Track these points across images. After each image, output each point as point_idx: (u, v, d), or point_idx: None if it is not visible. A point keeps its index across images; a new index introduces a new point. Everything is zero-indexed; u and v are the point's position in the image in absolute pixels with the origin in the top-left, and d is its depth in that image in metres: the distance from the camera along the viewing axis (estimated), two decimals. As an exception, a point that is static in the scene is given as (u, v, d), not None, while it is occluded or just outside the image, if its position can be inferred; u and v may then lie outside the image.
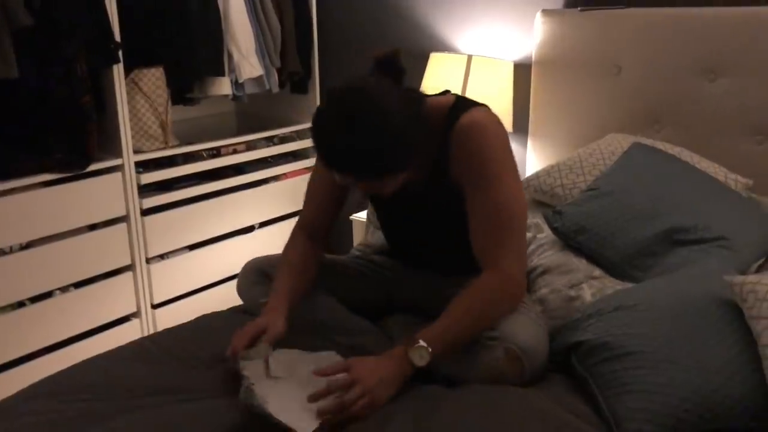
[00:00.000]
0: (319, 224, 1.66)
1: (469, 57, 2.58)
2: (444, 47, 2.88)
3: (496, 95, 2.56)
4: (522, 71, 2.67)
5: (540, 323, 1.45)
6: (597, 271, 1.78)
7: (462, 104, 1.50)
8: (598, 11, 2.40)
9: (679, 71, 2.26)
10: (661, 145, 2.14)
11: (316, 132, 1.32)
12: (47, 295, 2.31)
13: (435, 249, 1.66)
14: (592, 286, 1.69)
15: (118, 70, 2.34)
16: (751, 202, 1.98)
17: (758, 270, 1.75)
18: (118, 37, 2.31)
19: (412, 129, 1.32)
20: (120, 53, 2.32)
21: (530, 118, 2.62)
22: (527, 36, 2.67)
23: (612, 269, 1.79)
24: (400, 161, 1.34)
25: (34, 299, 2.28)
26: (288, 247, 1.64)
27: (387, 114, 1.27)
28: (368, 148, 1.27)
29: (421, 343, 1.30)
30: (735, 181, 2.06)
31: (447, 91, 1.59)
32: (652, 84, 2.32)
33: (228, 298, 2.73)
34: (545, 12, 2.51)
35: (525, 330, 1.37)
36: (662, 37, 2.27)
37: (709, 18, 2.19)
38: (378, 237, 2.07)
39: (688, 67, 2.24)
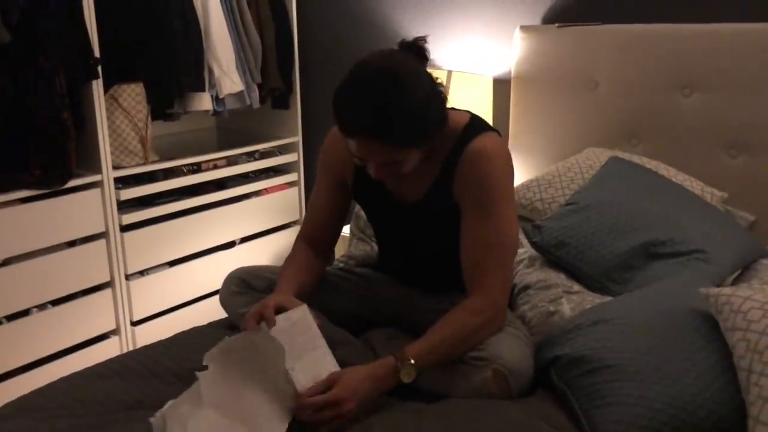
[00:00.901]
0: (320, 237, 1.68)
1: (449, 72, 2.60)
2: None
3: (475, 110, 2.58)
4: (501, 86, 2.70)
5: (526, 342, 1.47)
6: (576, 286, 1.80)
7: (477, 126, 1.52)
8: (576, 28, 2.44)
9: (654, 86, 2.30)
10: (638, 159, 2.17)
11: (340, 99, 1.33)
12: (24, 313, 2.28)
13: (424, 263, 1.67)
14: (571, 301, 1.70)
15: (97, 86, 2.34)
16: (727, 215, 2.01)
17: (734, 282, 1.78)
18: (97, 53, 2.31)
19: (435, 105, 1.36)
20: (99, 69, 2.31)
21: (509, 133, 2.64)
22: (506, 51, 2.70)
23: (590, 283, 1.80)
24: (421, 133, 1.36)
25: (11, 317, 2.25)
26: (291, 252, 1.67)
27: (414, 85, 1.31)
28: (395, 113, 1.29)
29: (412, 361, 1.34)
30: (711, 194, 2.09)
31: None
32: (628, 99, 2.36)
33: (208, 314, 2.71)
34: (523, 28, 2.54)
35: (512, 350, 1.39)
36: (638, 54, 2.31)
37: (683, 35, 2.23)
38: (361, 249, 2.07)
39: (664, 82, 2.28)
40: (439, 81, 1.42)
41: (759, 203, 2.15)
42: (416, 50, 1.41)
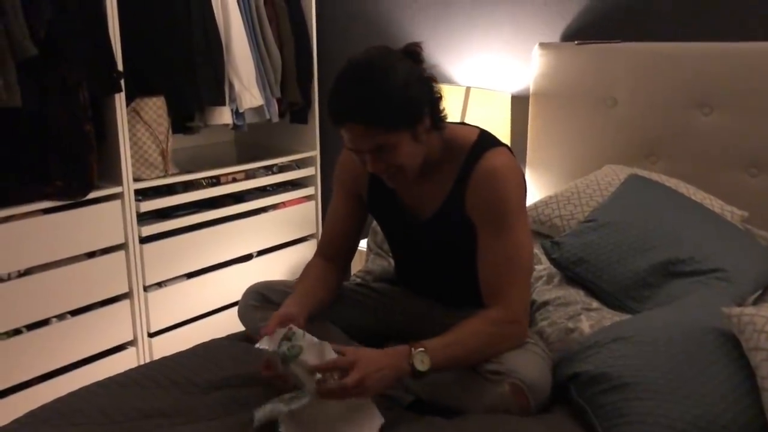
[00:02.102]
0: (336, 251, 1.70)
1: (468, 89, 2.61)
2: (442, 79, 2.92)
3: (493, 126, 2.59)
4: (519, 103, 2.70)
5: (544, 357, 1.47)
6: (595, 303, 1.79)
7: (487, 141, 1.54)
8: (595, 45, 2.44)
9: (674, 104, 2.29)
10: (657, 176, 2.16)
11: (331, 92, 1.41)
12: (44, 322, 2.30)
13: (441, 278, 1.68)
14: (590, 318, 1.70)
15: (119, 99, 2.37)
16: (748, 235, 1.99)
17: (755, 302, 1.76)
18: (120, 66, 2.34)
19: (415, 87, 1.40)
20: (122, 82, 2.34)
21: (527, 149, 2.65)
22: (524, 68, 2.71)
23: (609, 300, 1.80)
24: (402, 112, 1.39)
25: (31, 327, 2.27)
26: (307, 266, 1.69)
27: (390, 72, 1.38)
28: (374, 95, 1.36)
29: (425, 349, 1.33)
30: (731, 213, 2.08)
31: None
32: (647, 117, 2.35)
33: (225, 326, 2.71)
34: (542, 45, 2.55)
35: (530, 365, 1.39)
36: (657, 71, 2.31)
37: (703, 53, 2.23)
38: (378, 264, 2.08)
39: (683, 100, 2.27)
40: (428, 74, 1.46)
41: (779, 222, 2.14)
42: (406, 52, 1.46)
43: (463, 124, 1.64)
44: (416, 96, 1.41)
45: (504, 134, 2.65)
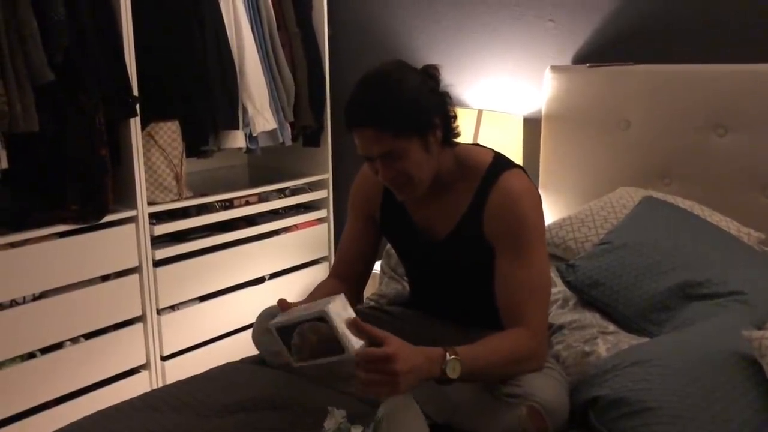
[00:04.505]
0: (350, 274, 1.70)
1: (480, 111, 2.62)
2: (455, 102, 2.92)
3: (506, 149, 2.59)
4: (531, 125, 2.71)
5: (561, 381, 1.45)
6: (611, 326, 1.77)
7: (503, 163, 1.55)
8: (606, 68, 2.45)
9: (688, 126, 2.29)
10: (672, 198, 2.15)
11: (347, 101, 1.47)
12: (58, 346, 2.30)
13: (455, 298, 1.67)
14: (607, 341, 1.68)
15: (135, 124, 2.39)
16: (766, 256, 1.97)
17: (774, 325, 1.74)
18: (136, 91, 2.36)
19: (426, 97, 1.45)
20: (137, 107, 2.37)
21: (540, 172, 2.64)
22: (536, 91, 2.72)
23: (626, 323, 1.78)
24: (412, 119, 1.42)
25: (45, 350, 2.27)
26: (318, 285, 1.69)
27: (402, 81, 1.43)
28: (384, 100, 1.41)
29: (460, 357, 1.30)
30: (747, 235, 2.06)
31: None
32: (661, 138, 2.35)
33: (238, 349, 2.70)
34: (554, 68, 2.56)
35: (547, 387, 1.37)
36: (670, 93, 2.31)
37: (716, 74, 2.23)
38: (392, 288, 2.07)
39: (697, 122, 2.27)
40: (443, 90, 1.50)
41: (796, 244, 2.12)
42: (423, 72, 1.50)
43: (477, 145, 1.64)
44: (426, 105, 1.45)
45: (516, 156, 2.65)
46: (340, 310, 1.27)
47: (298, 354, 1.33)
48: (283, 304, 1.68)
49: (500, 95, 2.83)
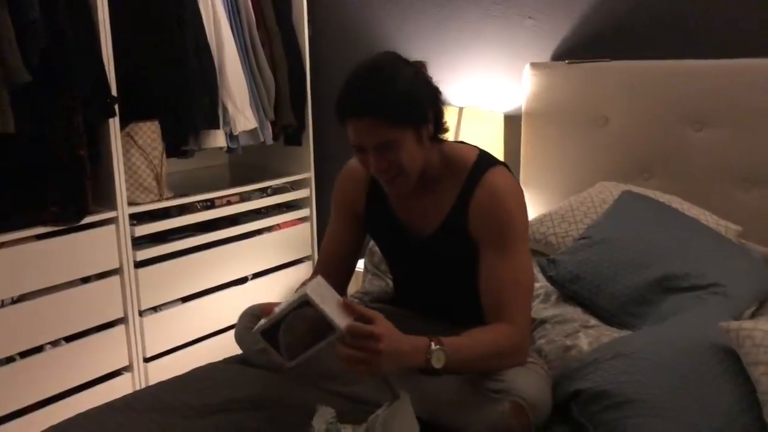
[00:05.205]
0: (334, 272, 1.68)
1: (460, 109, 2.63)
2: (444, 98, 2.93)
3: (486, 146, 2.59)
4: (512, 122, 2.72)
5: (544, 375, 1.46)
6: (592, 320, 1.79)
7: (487, 160, 1.56)
8: (585, 64, 2.47)
9: (665, 121, 2.31)
10: (651, 193, 2.17)
11: (339, 91, 1.45)
12: (38, 349, 2.28)
13: (439, 295, 1.67)
14: (589, 335, 1.69)
15: (114, 124, 2.37)
16: (743, 249, 2.00)
17: (752, 316, 1.76)
18: (114, 92, 2.34)
19: (420, 88, 1.46)
20: (116, 107, 2.34)
21: (521, 168, 2.66)
22: (516, 88, 2.73)
23: (607, 317, 1.80)
24: (407, 110, 1.42)
25: (24, 354, 2.25)
26: (301, 284, 1.66)
27: (398, 72, 1.43)
28: (380, 90, 1.41)
29: (445, 347, 1.31)
30: (726, 228, 2.08)
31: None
32: (639, 134, 2.37)
33: (222, 350, 2.67)
34: (534, 65, 2.57)
35: (531, 383, 1.38)
36: (648, 89, 2.33)
37: (693, 70, 2.25)
38: (376, 285, 2.07)
39: (675, 117, 2.29)
40: (434, 85, 1.50)
41: (773, 237, 2.15)
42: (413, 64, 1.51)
43: (461, 142, 1.65)
44: (421, 97, 1.45)
45: (497, 153, 2.66)
46: (322, 290, 1.28)
47: (289, 353, 1.32)
48: (266, 310, 1.68)
49: (481, 92, 2.84)
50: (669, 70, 2.29)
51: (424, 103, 1.46)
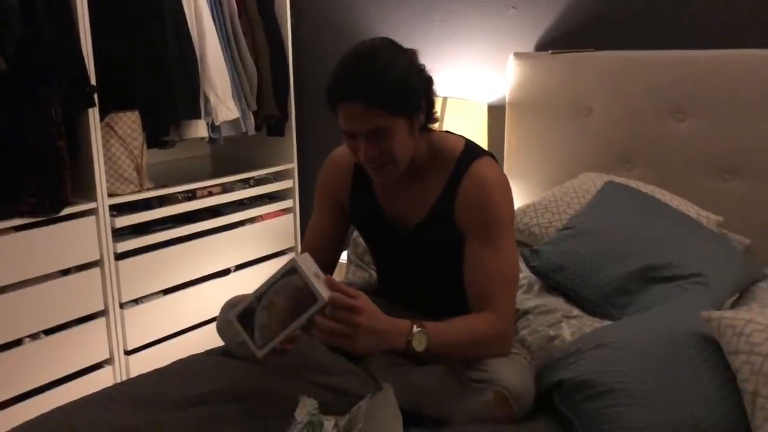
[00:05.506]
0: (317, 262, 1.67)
1: (444, 99, 2.62)
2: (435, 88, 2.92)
3: (470, 136, 2.59)
4: (496, 112, 2.72)
5: (527, 366, 1.46)
6: (575, 310, 1.79)
7: (474, 150, 1.55)
8: (569, 54, 2.46)
9: (648, 112, 2.32)
10: (633, 183, 2.18)
11: (333, 72, 1.41)
12: (17, 342, 2.25)
13: (425, 287, 1.67)
14: (571, 325, 1.70)
15: (93, 114, 2.33)
16: (724, 239, 2.01)
17: (732, 306, 1.77)
18: (93, 81, 2.31)
19: (414, 77, 1.43)
20: (95, 97, 2.31)
21: (505, 158, 2.66)
22: (500, 78, 2.73)
23: (589, 307, 1.80)
24: (401, 99, 1.40)
25: (3, 347, 2.21)
26: None
27: (394, 58, 1.41)
28: (378, 76, 1.38)
29: (428, 331, 1.32)
30: (707, 218, 2.10)
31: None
32: (622, 124, 2.37)
33: (204, 342, 2.66)
34: (517, 55, 2.57)
35: (514, 373, 1.39)
36: (631, 79, 2.33)
37: (676, 61, 2.26)
38: (359, 276, 2.06)
39: (657, 107, 2.30)
40: (428, 75, 1.48)
41: (753, 227, 2.16)
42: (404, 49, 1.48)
43: (447, 132, 1.64)
44: (416, 86, 1.44)
45: (481, 144, 2.64)
46: (308, 264, 1.29)
47: (263, 336, 1.31)
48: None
49: (464, 82, 2.83)
50: (653, 61, 2.30)
51: (418, 92, 1.45)
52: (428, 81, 1.48)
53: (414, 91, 1.43)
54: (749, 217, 2.17)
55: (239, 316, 1.33)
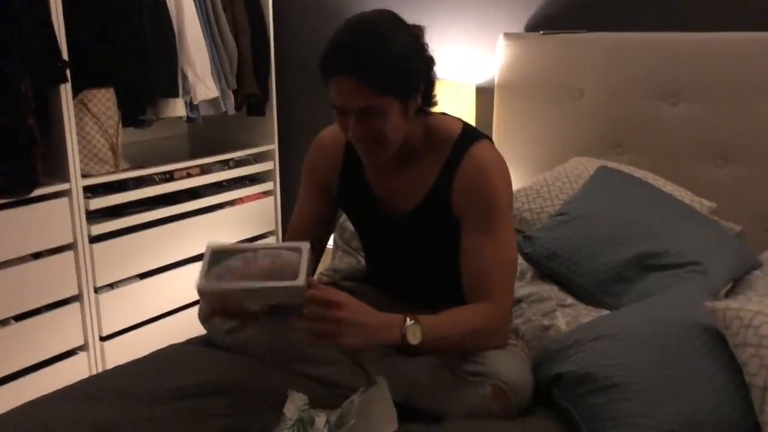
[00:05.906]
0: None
1: (432, 80, 2.54)
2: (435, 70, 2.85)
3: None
4: (484, 94, 2.65)
5: (525, 358, 1.42)
6: (569, 298, 1.75)
7: (472, 133, 1.49)
8: (560, 35, 2.40)
9: (640, 95, 2.27)
10: (625, 168, 2.14)
11: (330, 41, 1.33)
12: (-14, 329, 2.16)
13: (416, 275, 1.60)
14: (566, 314, 1.65)
15: (65, 90, 2.23)
16: (718, 226, 1.98)
17: (727, 294, 1.74)
18: (66, 56, 2.20)
19: (414, 58, 1.35)
20: (68, 72, 2.21)
21: (493, 141, 2.59)
22: (489, 59, 2.66)
23: (584, 295, 1.76)
24: (397, 79, 1.32)
25: (-28, 334, 2.13)
26: None
27: (394, 34, 1.32)
28: (376, 52, 1.29)
29: (422, 324, 1.26)
30: (700, 204, 2.06)
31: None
32: (614, 108, 2.33)
33: (181, 328, 2.61)
34: (507, 35, 2.50)
35: (511, 365, 1.34)
36: (624, 62, 2.28)
37: (670, 43, 2.21)
38: (346, 262, 2.00)
39: (650, 91, 2.25)
40: (430, 55, 1.41)
41: (745, 213, 2.13)
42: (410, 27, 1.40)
43: (443, 114, 1.56)
44: (416, 68, 1.36)
45: (469, 126, 2.59)
46: (309, 258, 1.26)
47: (220, 275, 1.25)
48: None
49: (453, 64, 2.76)
50: (647, 43, 2.25)
51: (417, 73, 1.37)
52: (429, 61, 1.40)
53: (412, 71, 1.35)
54: (741, 204, 2.14)
55: (216, 249, 1.27)
